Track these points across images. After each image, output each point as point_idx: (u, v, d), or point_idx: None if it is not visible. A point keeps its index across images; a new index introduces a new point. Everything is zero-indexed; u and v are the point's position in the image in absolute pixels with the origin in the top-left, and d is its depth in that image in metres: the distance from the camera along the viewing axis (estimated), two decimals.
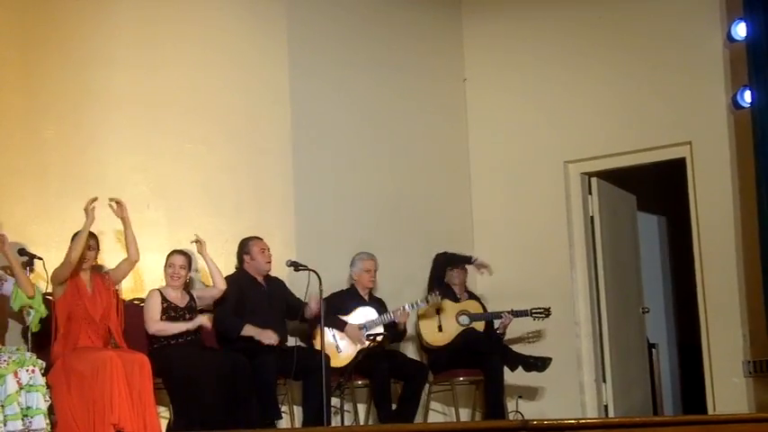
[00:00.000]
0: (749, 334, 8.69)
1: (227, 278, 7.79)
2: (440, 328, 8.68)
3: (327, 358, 7.63)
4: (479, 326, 8.76)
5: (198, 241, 7.63)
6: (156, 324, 7.32)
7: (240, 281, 7.89)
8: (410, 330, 8.73)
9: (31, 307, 6.76)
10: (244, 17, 8.62)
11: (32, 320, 6.78)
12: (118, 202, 7.27)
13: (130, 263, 7.33)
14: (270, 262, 7.97)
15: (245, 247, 8.00)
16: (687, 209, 9.14)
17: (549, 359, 8.52)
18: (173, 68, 8.13)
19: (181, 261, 7.54)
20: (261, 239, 8.01)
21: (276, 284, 8.06)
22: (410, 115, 9.58)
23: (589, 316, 9.48)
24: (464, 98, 9.99)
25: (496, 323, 8.83)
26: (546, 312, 8.80)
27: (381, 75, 9.41)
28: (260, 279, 7.98)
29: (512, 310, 8.76)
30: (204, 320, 7.43)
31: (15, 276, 6.79)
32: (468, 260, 8.92)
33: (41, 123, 7.51)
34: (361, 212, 9.08)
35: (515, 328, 9.06)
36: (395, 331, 8.38)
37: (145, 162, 7.92)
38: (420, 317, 8.70)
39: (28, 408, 6.19)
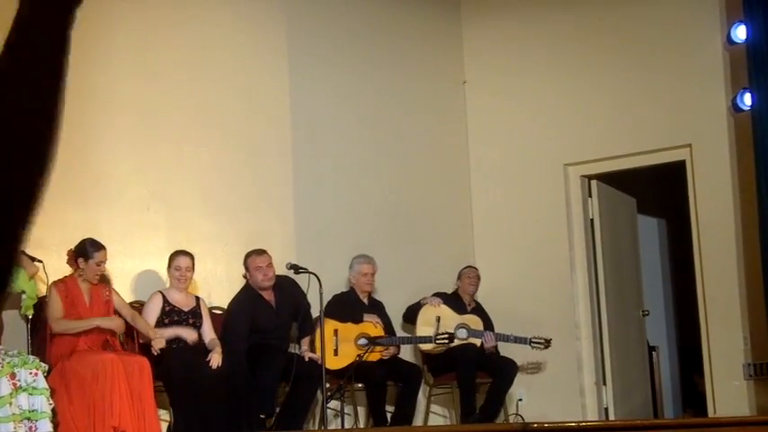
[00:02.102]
0: (749, 337, 8.67)
1: (234, 300, 7.69)
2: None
3: (317, 363, 7.57)
4: (476, 341, 8.61)
5: None
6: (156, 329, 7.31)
7: (246, 303, 7.70)
8: (408, 333, 8.73)
9: (23, 292, 6.75)
10: (244, 21, 8.62)
11: (24, 304, 6.77)
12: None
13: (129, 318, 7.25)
14: (267, 279, 7.72)
15: (245, 262, 7.81)
16: (687, 211, 9.12)
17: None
18: (173, 72, 8.12)
19: (187, 263, 7.45)
20: (261, 254, 7.76)
21: (285, 291, 7.86)
22: (410, 118, 9.57)
23: (589, 319, 9.47)
24: (464, 101, 9.98)
25: (487, 339, 8.57)
26: (546, 344, 8.58)
27: (381, 78, 9.41)
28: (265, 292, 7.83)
29: (509, 335, 8.58)
30: (217, 359, 7.20)
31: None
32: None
33: None
34: (361, 215, 9.07)
35: (516, 356, 8.90)
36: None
37: (144, 165, 7.90)
38: (421, 323, 8.52)
39: (32, 411, 6.17)
